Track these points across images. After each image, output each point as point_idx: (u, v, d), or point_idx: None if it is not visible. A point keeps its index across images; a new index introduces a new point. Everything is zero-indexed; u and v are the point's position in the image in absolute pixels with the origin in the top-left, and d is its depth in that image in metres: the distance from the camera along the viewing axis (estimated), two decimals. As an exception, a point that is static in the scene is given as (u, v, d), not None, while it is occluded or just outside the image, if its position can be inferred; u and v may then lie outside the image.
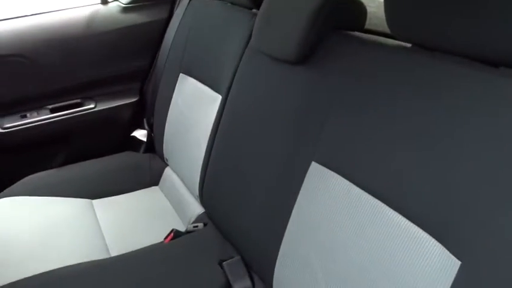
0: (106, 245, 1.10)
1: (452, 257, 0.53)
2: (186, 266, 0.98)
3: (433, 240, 0.56)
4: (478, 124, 0.53)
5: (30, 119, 1.38)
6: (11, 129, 1.35)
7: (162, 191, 1.39)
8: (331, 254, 0.70)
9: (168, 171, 1.39)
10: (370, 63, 0.71)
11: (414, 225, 0.58)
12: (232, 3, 1.16)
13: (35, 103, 1.38)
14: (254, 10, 1.07)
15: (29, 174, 1.31)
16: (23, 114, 1.37)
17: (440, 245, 0.55)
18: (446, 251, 0.54)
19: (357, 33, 0.79)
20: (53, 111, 1.41)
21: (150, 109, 1.46)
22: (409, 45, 0.69)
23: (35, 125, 1.38)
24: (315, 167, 0.76)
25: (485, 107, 0.53)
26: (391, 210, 0.62)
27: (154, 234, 1.12)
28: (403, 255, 0.59)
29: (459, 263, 0.52)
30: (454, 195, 0.54)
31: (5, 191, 1.23)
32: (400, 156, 0.62)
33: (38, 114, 1.39)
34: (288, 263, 0.80)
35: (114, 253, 1.07)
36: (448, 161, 0.55)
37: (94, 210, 1.24)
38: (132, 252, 1.03)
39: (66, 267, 0.97)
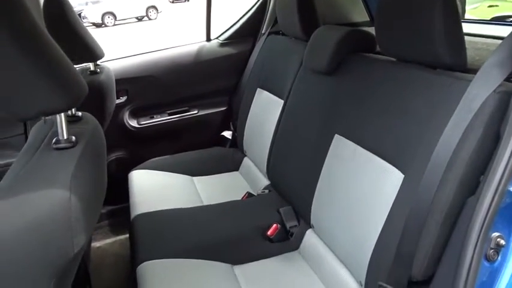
0: (202, 201, 1.62)
1: (400, 173, 0.94)
2: (254, 210, 1.45)
3: (392, 167, 0.97)
4: (420, 104, 0.94)
5: (155, 119, 2.00)
6: (143, 125, 1.98)
7: (241, 174, 1.88)
8: (341, 194, 1.12)
9: (246, 160, 1.88)
10: (371, 73, 1.15)
11: (385, 162, 1.00)
12: (295, 37, 1.67)
13: (158, 109, 2.00)
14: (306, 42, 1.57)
15: (152, 158, 1.90)
16: (151, 116, 2.00)
17: (395, 168, 0.96)
18: (397, 170, 0.95)
19: (367, 54, 1.24)
20: (169, 114, 2.02)
21: (235, 115, 2.00)
22: (393, 59, 1.11)
23: (158, 124, 2.00)
24: (336, 138, 1.20)
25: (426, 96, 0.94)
26: (374, 155, 1.04)
27: (235, 196, 1.62)
28: (374, 183, 1.01)
29: (403, 176, 0.93)
30: (407, 142, 0.95)
31: (138, 166, 1.83)
32: (381, 125, 1.04)
33: (160, 116, 2.01)
34: (318, 205, 1.24)
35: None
36: (406, 126, 0.96)
37: (194, 183, 1.78)
38: (221, 203, 1.54)
39: (180, 208, 1.50)
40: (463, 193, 0.77)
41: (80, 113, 0.85)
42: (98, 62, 1.46)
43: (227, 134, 2.05)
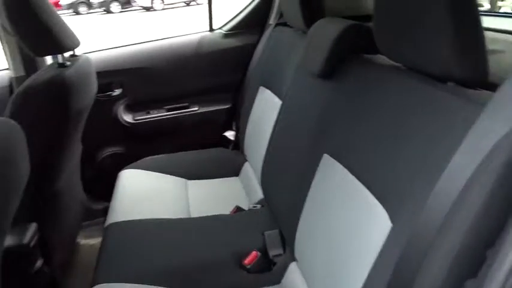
0: (189, 210, 1.47)
1: (388, 219, 0.72)
2: (237, 231, 1.27)
3: (381, 207, 0.75)
4: (420, 130, 0.71)
5: (152, 114, 1.85)
6: (139, 121, 1.84)
7: (240, 181, 1.70)
8: (331, 229, 0.91)
9: (246, 165, 1.70)
10: (371, 82, 0.91)
11: (374, 198, 0.78)
12: (303, 31, 1.44)
13: (156, 104, 1.85)
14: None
15: (148, 156, 1.77)
16: (147, 111, 1.85)
17: (383, 209, 0.73)
18: (385, 212, 0.73)
19: (370, 57, 1.00)
20: (168, 110, 1.86)
21: (238, 114, 1.81)
22: (399, 64, 0.87)
23: (155, 120, 1.85)
24: (325, 158, 0.98)
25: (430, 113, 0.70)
26: (363, 187, 0.81)
27: (224, 209, 1.44)
28: (361, 222, 0.79)
29: (391, 224, 0.71)
30: (398, 180, 0.72)
31: (131, 164, 1.70)
32: (374, 150, 0.82)
33: (157, 112, 1.86)
34: (302, 235, 1.03)
35: (193, 215, 1.42)
36: (400, 157, 0.74)
37: (187, 187, 1.62)
38: (204, 216, 1.37)
39: (160, 219, 1.35)
40: (459, 273, 0.54)
41: None
42: (83, 52, 1.33)
43: (229, 134, 1.87)
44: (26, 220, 1.11)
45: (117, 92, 1.78)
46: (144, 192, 1.53)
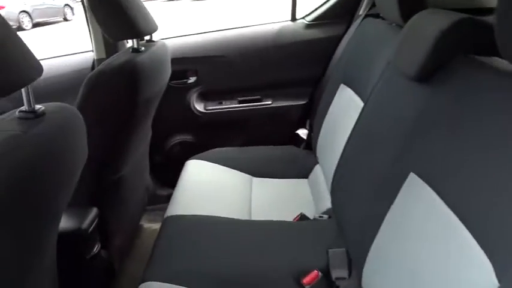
0: (250, 211, 1.38)
1: (493, 274, 0.55)
2: (298, 243, 1.15)
3: (483, 254, 0.58)
4: None
5: (224, 105, 1.79)
6: (210, 111, 1.79)
7: (308, 184, 1.57)
8: (413, 263, 0.75)
9: (317, 168, 1.56)
10: (483, 91, 0.72)
11: (473, 238, 0.61)
12: (398, 25, 1.25)
13: (228, 95, 1.78)
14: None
15: (217, 147, 1.71)
16: (219, 101, 1.79)
17: (486, 258, 0.57)
18: (489, 263, 0.56)
19: (482, 58, 0.80)
20: (240, 102, 1.78)
21: (314, 112, 1.67)
22: None
23: (226, 111, 1.78)
24: (412, 177, 0.81)
25: None
26: (458, 220, 0.64)
27: (288, 214, 1.33)
28: (462, 267, 0.62)
29: (497, 284, 0.54)
30: (506, 222, 0.55)
31: (198, 155, 1.65)
32: (477, 177, 0.64)
33: (230, 102, 1.79)
34: (374, 261, 0.88)
35: (253, 218, 1.33)
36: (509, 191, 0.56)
37: (252, 184, 1.53)
38: (266, 221, 1.27)
39: (219, 217, 1.28)
40: None
41: (40, 107, 0.66)
42: (161, 37, 1.30)
43: (302, 132, 1.75)
44: (87, 205, 1.10)
45: (191, 79, 1.75)
46: (207, 186, 1.47)
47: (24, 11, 9.66)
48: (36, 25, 10.12)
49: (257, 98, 1.78)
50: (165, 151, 1.84)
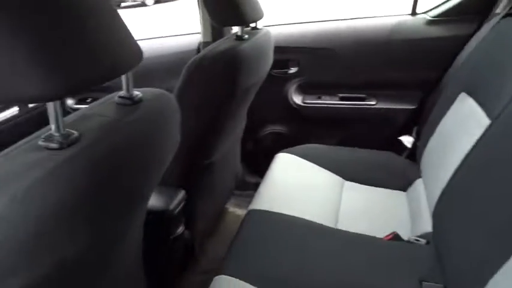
0: (337, 217, 1.29)
1: None
2: (388, 267, 1.03)
3: None
4: None
5: (323, 100, 1.70)
6: (308, 105, 1.72)
7: (406, 198, 1.42)
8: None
9: (419, 182, 1.40)
10: None
11: None
12: None
13: (329, 90, 1.69)
14: None
15: (308, 143, 1.63)
16: (318, 96, 1.71)
17: None
18: None
19: None
20: (341, 99, 1.67)
21: (424, 119, 1.49)
22: None
23: (325, 106, 1.70)
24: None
25: None
26: None
27: (379, 229, 1.21)
28: None
29: None
30: None
31: (289, 148, 1.59)
32: None
33: (330, 98, 1.69)
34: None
35: (340, 227, 1.24)
36: None
37: (342, 188, 1.43)
38: (355, 234, 1.17)
39: (303, 219, 1.21)
40: None
41: (138, 93, 0.66)
42: (264, 25, 1.26)
43: (406, 140, 1.58)
44: (176, 186, 1.12)
45: (292, 70, 1.69)
46: (295, 183, 1.41)
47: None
48: (157, 1, 10.82)
49: (361, 96, 1.65)
50: (256, 140, 1.83)
